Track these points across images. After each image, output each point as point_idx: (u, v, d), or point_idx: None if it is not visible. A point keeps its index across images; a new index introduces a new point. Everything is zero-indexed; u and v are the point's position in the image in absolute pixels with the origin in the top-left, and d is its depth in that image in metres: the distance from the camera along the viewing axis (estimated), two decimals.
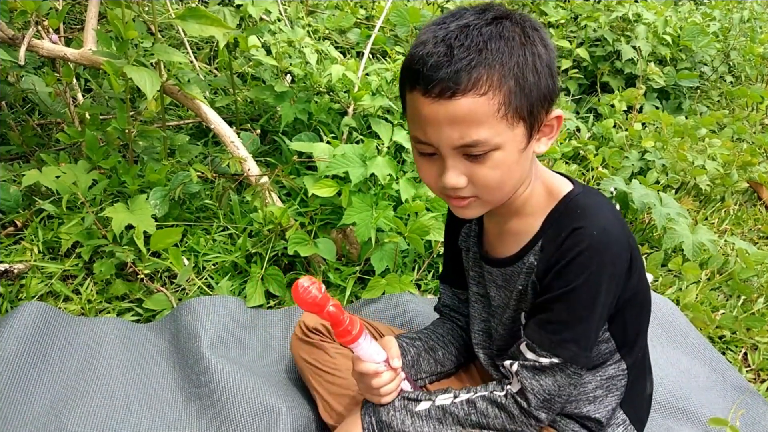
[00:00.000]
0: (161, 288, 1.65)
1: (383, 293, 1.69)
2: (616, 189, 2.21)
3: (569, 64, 2.99)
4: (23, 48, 1.69)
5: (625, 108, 2.87)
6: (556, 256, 0.98)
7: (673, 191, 2.49)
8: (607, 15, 3.21)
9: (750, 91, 3.20)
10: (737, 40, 3.59)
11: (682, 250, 2.04)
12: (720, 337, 1.81)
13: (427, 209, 1.86)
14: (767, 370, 1.72)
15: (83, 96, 2.18)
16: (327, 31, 2.85)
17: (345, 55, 2.78)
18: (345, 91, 2.29)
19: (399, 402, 1.08)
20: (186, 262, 1.69)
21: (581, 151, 2.59)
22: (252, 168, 1.86)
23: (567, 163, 2.50)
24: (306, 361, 1.34)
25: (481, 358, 1.23)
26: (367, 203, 1.73)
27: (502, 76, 0.87)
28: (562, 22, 3.37)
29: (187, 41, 2.51)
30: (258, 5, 1.99)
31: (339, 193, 1.76)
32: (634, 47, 3.06)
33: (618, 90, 3.03)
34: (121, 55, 1.63)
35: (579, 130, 2.74)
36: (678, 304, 1.87)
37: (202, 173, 1.84)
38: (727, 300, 1.95)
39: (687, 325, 1.76)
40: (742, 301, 1.93)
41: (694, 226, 2.07)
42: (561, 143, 2.52)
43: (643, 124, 2.83)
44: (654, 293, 1.86)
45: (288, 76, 2.30)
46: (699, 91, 3.40)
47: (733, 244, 2.14)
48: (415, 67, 0.90)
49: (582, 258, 0.95)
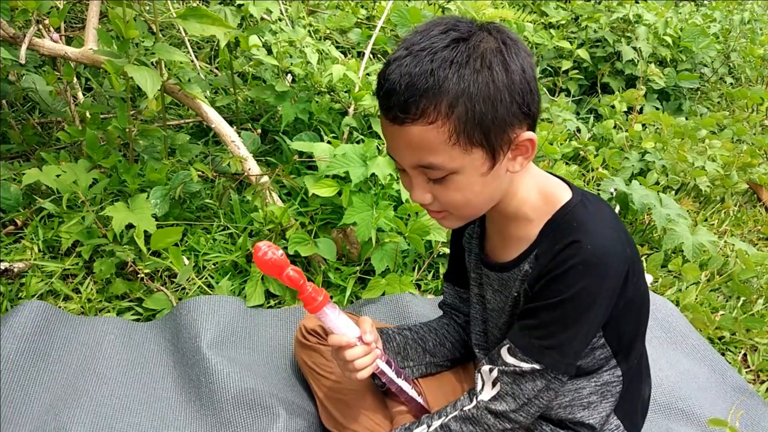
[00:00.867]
0: (161, 287, 1.65)
1: (383, 293, 1.70)
2: (616, 190, 2.21)
3: (570, 64, 2.99)
4: (24, 47, 1.69)
5: (625, 109, 2.87)
6: (549, 266, 0.96)
7: (673, 192, 2.49)
8: (607, 16, 3.21)
9: (750, 93, 3.20)
10: (737, 41, 3.59)
11: (682, 251, 2.04)
12: (720, 338, 1.81)
13: None
14: (767, 371, 1.72)
15: (84, 95, 2.18)
16: (328, 31, 2.85)
17: (346, 55, 2.78)
18: (346, 91, 2.29)
19: None
20: (186, 262, 1.69)
21: (581, 152, 2.59)
22: (252, 167, 1.86)
23: (567, 163, 2.50)
24: (306, 364, 1.35)
25: (480, 358, 1.23)
26: (368, 203, 1.73)
27: (449, 104, 0.85)
28: (563, 22, 3.37)
29: (188, 40, 2.51)
30: (259, 5, 1.99)
31: (339, 193, 1.76)
32: (635, 48, 3.06)
33: (618, 91, 3.04)
34: (122, 54, 1.63)
35: (579, 130, 2.74)
36: (678, 305, 1.88)
37: (203, 172, 1.84)
38: (726, 301, 1.95)
39: (687, 326, 1.76)
40: (741, 302, 1.93)
41: (694, 227, 2.08)
42: (561, 144, 2.52)
43: (643, 125, 2.83)
44: (654, 294, 1.86)
45: (289, 75, 2.30)
46: (699, 92, 3.40)
47: (733, 245, 2.14)
48: (378, 87, 0.91)
49: (574, 272, 0.94)
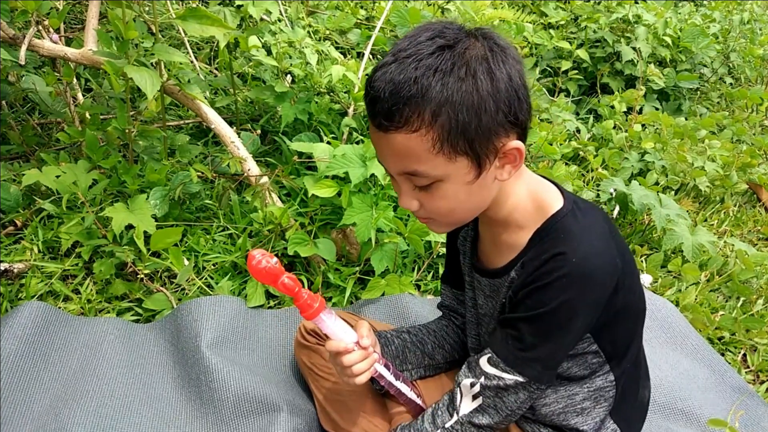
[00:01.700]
0: (161, 288, 1.65)
1: (383, 294, 1.70)
2: (615, 190, 2.21)
3: (569, 65, 2.99)
4: (24, 48, 1.69)
5: (625, 109, 2.87)
6: (534, 276, 0.96)
7: (673, 192, 2.49)
8: (607, 16, 3.21)
9: (750, 93, 3.20)
10: (737, 41, 3.59)
11: (682, 252, 2.04)
12: (719, 339, 1.81)
13: None
14: (766, 371, 1.72)
15: (83, 96, 2.18)
16: (327, 32, 2.85)
17: (345, 56, 2.78)
18: (345, 92, 2.29)
19: None
20: (186, 262, 1.69)
21: (581, 152, 2.59)
22: (252, 168, 1.86)
23: (567, 164, 2.50)
24: (305, 365, 1.35)
25: None
26: (367, 203, 1.73)
27: (433, 113, 0.85)
28: (563, 23, 3.37)
29: (188, 41, 2.51)
30: (258, 5, 1.99)
31: (339, 194, 1.76)
32: (634, 48, 3.06)
33: (618, 91, 3.04)
34: (122, 55, 1.63)
35: (579, 131, 2.74)
36: (677, 305, 1.88)
37: (202, 173, 1.84)
38: (726, 301, 1.95)
39: (686, 326, 1.76)
40: (741, 302, 1.93)
41: (694, 228, 2.08)
42: (561, 144, 2.52)
43: (642, 126, 2.83)
44: (653, 295, 1.86)
45: (288, 76, 2.30)
46: (699, 92, 3.40)
47: (733, 245, 2.14)
48: (365, 94, 0.91)
49: (559, 283, 0.92)
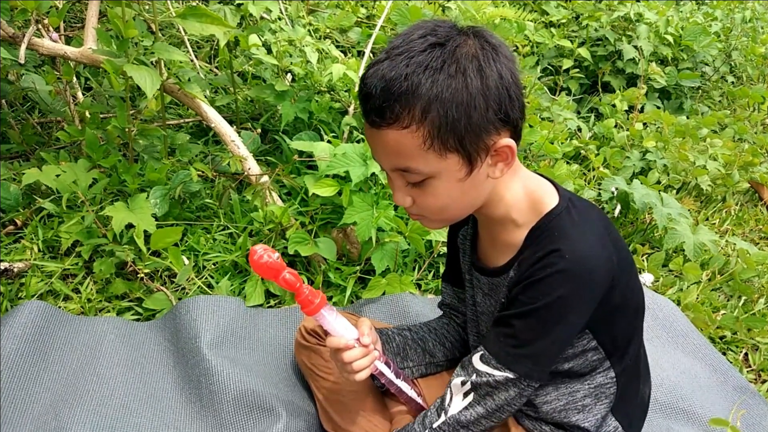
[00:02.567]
0: (161, 287, 1.65)
1: (383, 293, 1.69)
2: (617, 189, 2.20)
3: (570, 63, 2.98)
4: (23, 46, 1.68)
5: (626, 108, 2.86)
6: (528, 273, 0.96)
7: (675, 191, 2.48)
8: (608, 14, 3.20)
9: (751, 92, 3.20)
10: (739, 40, 3.58)
11: (683, 251, 2.04)
12: (721, 338, 1.81)
13: None
14: None
15: (83, 94, 2.17)
16: (328, 30, 2.84)
17: (346, 54, 2.77)
18: (346, 90, 2.28)
19: None
20: (186, 262, 1.68)
21: (582, 151, 2.58)
22: (252, 167, 1.85)
23: (568, 162, 2.49)
24: (306, 365, 1.35)
25: None
26: (368, 203, 1.73)
27: (423, 109, 0.86)
28: (564, 21, 3.36)
29: (188, 40, 2.50)
30: (259, 4, 1.98)
31: (339, 193, 1.76)
32: (636, 47, 3.05)
33: (619, 90, 3.03)
34: (122, 54, 1.63)
35: (580, 129, 2.73)
36: (679, 304, 1.87)
37: (203, 172, 1.83)
38: (728, 300, 1.95)
39: (688, 325, 1.76)
40: (743, 301, 1.93)
41: (695, 227, 2.07)
42: (562, 143, 2.52)
43: (644, 124, 2.82)
44: (655, 294, 1.86)
45: (289, 75, 2.30)
46: (700, 91, 3.39)
47: (734, 244, 2.13)
48: (358, 91, 0.92)
49: (552, 279, 0.93)
